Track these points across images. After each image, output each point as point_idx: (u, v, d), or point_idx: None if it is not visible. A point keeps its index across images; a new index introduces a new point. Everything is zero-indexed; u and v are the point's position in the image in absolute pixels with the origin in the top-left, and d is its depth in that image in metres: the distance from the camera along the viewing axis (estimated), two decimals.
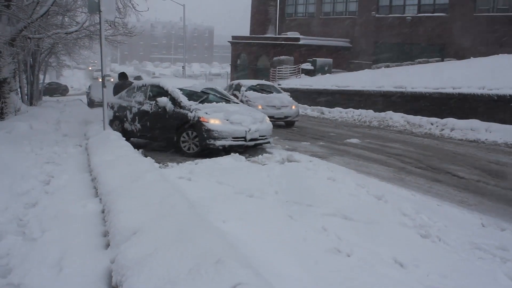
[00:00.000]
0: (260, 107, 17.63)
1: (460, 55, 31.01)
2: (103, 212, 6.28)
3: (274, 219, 6.31)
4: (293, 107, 18.85)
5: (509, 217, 7.09)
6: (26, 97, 25.82)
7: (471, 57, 27.45)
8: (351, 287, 4.46)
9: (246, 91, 19.05)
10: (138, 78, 34.52)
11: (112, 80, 25.44)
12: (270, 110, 17.70)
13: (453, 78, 20.46)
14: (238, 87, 19.69)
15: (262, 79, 27.80)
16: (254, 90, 19.26)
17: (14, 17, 14.40)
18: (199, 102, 11.90)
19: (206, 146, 11.14)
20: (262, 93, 19.07)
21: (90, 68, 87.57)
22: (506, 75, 18.50)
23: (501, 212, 7.34)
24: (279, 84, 32.25)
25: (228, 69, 55.72)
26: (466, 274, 4.93)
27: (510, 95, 16.67)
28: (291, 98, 19.94)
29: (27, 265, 4.67)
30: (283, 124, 18.66)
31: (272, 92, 19.47)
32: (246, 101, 18.10)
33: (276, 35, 46.60)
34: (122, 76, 16.39)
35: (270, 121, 14.99)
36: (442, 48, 35.06)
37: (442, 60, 31.45)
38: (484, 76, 19.24)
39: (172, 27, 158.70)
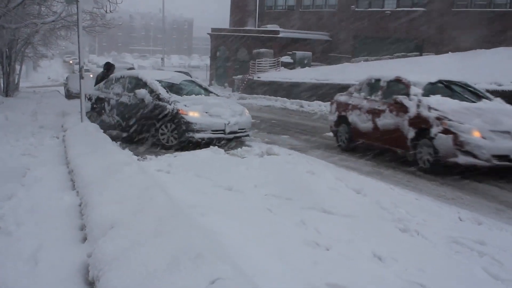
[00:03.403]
0: (477, 134, 8.97)
1: (438, 50, 31.29)
2: (80, 205, 6.20)
3: (253, 212, 6.29)
4: None
5: (486, 211, 7.16)
6: (2, 87, 25.47)
7: (449, 52, 27.69)
8: (330, 281, 4.45)
9: (424, 95, 10.24)
10: (131, 69, 34.25)
11: (91, 75, 25.19)
12: (501, 142, 8.98)
13: (431, 73, 20.57)
14: (398, 88, 10.93)
15: (243, 72, 27.49)
16: (440, 92, 10.42)
17: None
18: (178, 94, 11.84)
19: (185, 139, 11.08)
20: (457, 99, 10.32)
21: (71, 62, 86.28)
22: (484, 70, 18.68)
23: (478, 207, 7.41)
24: (258, 77, 32.24)
25: (208, 61, 55.53)
26: (444, 268, 4.95)
27: (487, 90, 16.81)
28: None
29: (2, 259, 4.59)
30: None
31: (479, 100, 10.68)
32: (438, 118, 9.42)
33: (255, 27, 46.54)
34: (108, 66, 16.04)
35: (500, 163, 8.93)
36: (420, 43, 35.32)
37: (421, 55, 31.70)
38: (462, 71, 19.38)
39: (151, 19, 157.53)
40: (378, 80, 11.87)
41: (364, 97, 11.85)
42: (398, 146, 10.46)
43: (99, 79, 15.19)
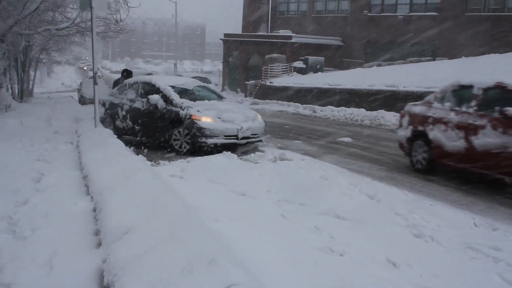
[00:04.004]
0: None
1: (452, 55, 31.08)
2: (94, 210, 6.24)
3: (266, 218, 6.29)
4: None
5: (501, 217, 7.10)
6: (17, 93, 25.67)
7: (463, 57, 27.53)
8: (344, 287, 4.44)
9: None
10: (149, 75, 34.49)
11: (103, 79, 25.37)
12: None
13: (444, 78, 20.47)
14: (501, 97, 8.79)
15: (255, 78, 27.39)
16: None
17: (5, 13, 14.28)
18: (191, 100, 11.87)
19: (198, 144, 11.11)
20: None
21: (85, 68, 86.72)
22: (497, 75, 18.52)
23: (493, 212, 7.35)
24: (270, 82, 32.28)
25: (220, 67, 55.62)
26: (459, 274, 4.92)
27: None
28: None
29: (18, 264, 4.62)
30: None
31: None
32: None
33: (268, 33, 46.58)
34: (125, 73, 16.25)
35: None
36: (434, 48, 35.14)
37: (434, 60, 31.52)
38: (476, 76, 19.25)
39: (164, 24, 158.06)
40: (469, 87, 9.56)
41: (451, 108, 9.56)
42: (506, 173, 8.49)
43: (116, 85, 15.35)
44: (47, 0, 16.79)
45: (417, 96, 20.28)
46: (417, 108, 10.62)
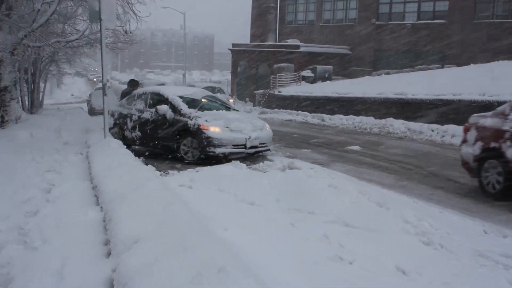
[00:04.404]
0: None
1: (460, 62, 31.00)
2: (104, 220, 6.27)
3: (275, 226, 6.30)
4: None
5: (511, 224, 7.06)
6: (27, 105, 25.83)
7: (471, 64, 27.45)
8: None
9: None
10: (161, 85, 34.63)
11: (109, 86, 25.39)
12: None
13: (453, 85, 20.44)
14: None
15: (264, 87, 27.27)
16: None
17: (15, 26, 14.42)
18: (199, 110, 11.92)
19: (206, 154, 11.14)
20: None
21: (95, 80, 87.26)
22: (506, 82, 18.48)
23: (503, 219, 7.32)
24: (279, 92, 32.32)
25: (229, 77, 55.74)
26: (469, 282, 4.90)
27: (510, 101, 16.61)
28: None
29: (29, 274, 4.65)
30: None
31: None
32: None
33: (276, 42, 46.62)
34: (132, 83, 16.33)
35: None
36: (442, 55, 35.06)
37: (442, 67, 31.43)
38: (485, 83, 19.22)
39: (173, 35, 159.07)
40: None
41: None
42: None
43: (123, 95, 15.42)
44: (57, 12, 16.92)
45: (426, 104, 20.29)
46: (487, 120, 8.93)
